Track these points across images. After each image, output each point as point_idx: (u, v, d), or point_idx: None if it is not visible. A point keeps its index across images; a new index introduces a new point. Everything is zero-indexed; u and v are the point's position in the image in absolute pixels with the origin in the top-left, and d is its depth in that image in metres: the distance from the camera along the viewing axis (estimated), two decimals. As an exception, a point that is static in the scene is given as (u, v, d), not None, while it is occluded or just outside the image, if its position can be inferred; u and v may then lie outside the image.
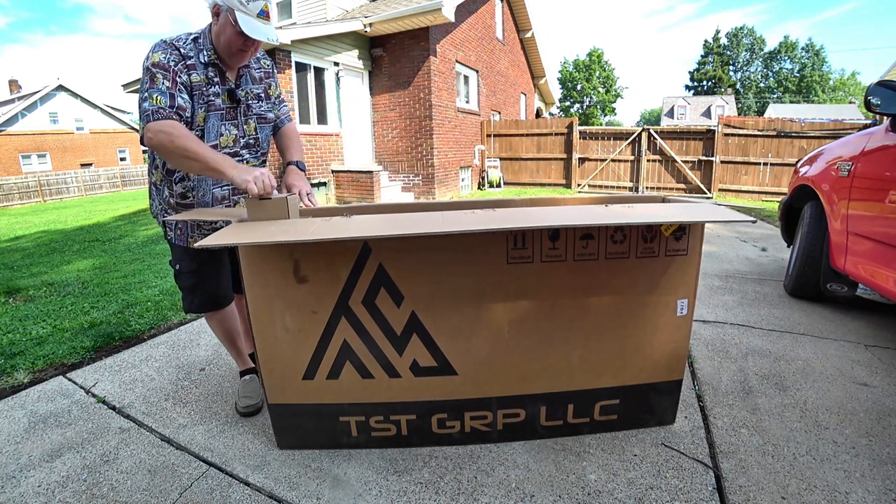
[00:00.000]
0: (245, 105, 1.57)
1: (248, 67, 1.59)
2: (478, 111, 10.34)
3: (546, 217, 1.17)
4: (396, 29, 7.92)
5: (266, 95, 1.66)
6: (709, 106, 41.42)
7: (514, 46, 12.60)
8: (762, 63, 51.75)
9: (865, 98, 2.13)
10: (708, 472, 1.38)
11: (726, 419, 1.63)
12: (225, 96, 1.51)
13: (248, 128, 1.60)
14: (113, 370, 2.12)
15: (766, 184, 8.61)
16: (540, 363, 1.44)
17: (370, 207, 1.71)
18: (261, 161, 1.71)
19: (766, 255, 4.12)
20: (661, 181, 9.40)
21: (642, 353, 1.46)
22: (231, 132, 1.55)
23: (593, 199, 1.71)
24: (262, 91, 1.65)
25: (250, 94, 1.59)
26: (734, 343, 2.25)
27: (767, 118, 8.66)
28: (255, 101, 1.61)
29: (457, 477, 1.38)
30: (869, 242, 2.15)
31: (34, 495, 1.35)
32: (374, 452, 1.49)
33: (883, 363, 2.02)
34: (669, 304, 1.42)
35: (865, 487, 1.30)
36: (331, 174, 7.81)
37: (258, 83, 1.63)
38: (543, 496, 1.30)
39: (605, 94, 49.52)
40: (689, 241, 1.38)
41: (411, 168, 8.57)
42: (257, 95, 1.62)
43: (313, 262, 1.32)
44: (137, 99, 1.42)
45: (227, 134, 1.54)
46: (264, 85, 1.66)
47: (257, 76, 1.63)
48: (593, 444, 1.50)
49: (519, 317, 1.39)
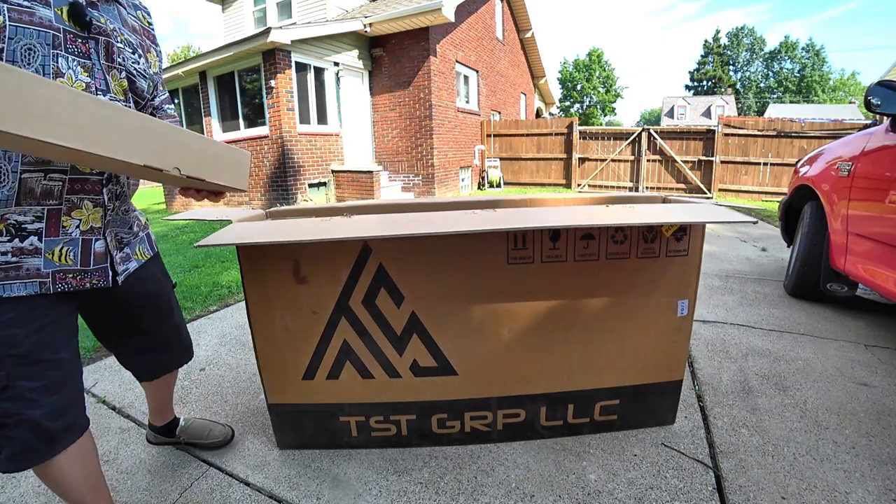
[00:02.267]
0: (105, 42, 0.97)
1: (119, 2, 1.06)
2: (478, 111, 10.34)
3: (546, 217, 1.17)
4: (396, 29, 7.91)
5: (142, 52, 1.09)
6: (709, 106, 41.43)
7: (514, 46, 12.60)
8: (762, 63, 51.75)
9: (865, 98, 2.13)
10: (708, 472, 1.38)
11: (726, 419, 1.63)
12: (63, 11, 0.90)
13: (113, 81, 0.99)
14: (113, 370, 2.12)
15: (766, 184, 8.61)
16: (540, 363, 1.44)
17: (370, 207, 1.71)
18: None
19: (766, 255, 4.12)
20: (661, 181, 9.39)
21: (642, 354, 1.46)
22: (78, 77, 0.92)
23: (594, 199, 1.71)
24: (138, 43, 1.08)
25: (117, 34, 1.01)
26: (734, 343, 2.25)
27: (767, 118, 8.66)
28: (127, 48, 1.03)
29: (457, 477, 1.38)
30: (869, 242, 2.15)
31: (34, 495, 1.35)
32: (374, 452, 1.49)
33: (883, 363, 2.02)
34: (670, 305, 1.42)
35: (865, 487, 1.30)
36: (331, 174, 7.81)
37: (131, 32, 1.07)
38: (543, 496, 1.30)
39: (605, 94, 49.51)
40: (689, 241, 1.38)
41: (411, 168, 8.57)
42: (129, 42, 1.04)
43: (313, 263, 1.32)
44: None
45: (71, 77, 0.91)
46: (139, 39, 1.10)
47: (130, 22, 1.09)
48: (593, 444, 1.50)
49: (519, 317, 1.39)
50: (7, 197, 0.87)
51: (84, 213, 0.98)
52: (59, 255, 0.94)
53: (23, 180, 0.88)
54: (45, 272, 0.92)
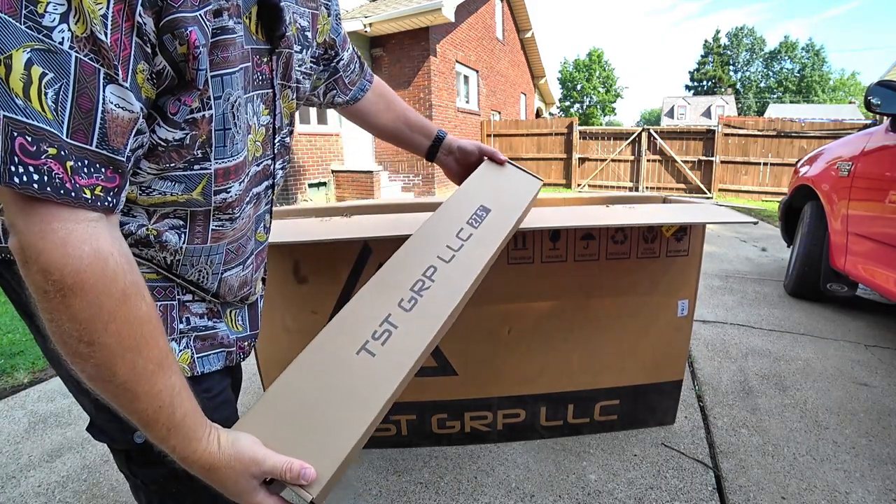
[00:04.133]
0: (287, 56, 0.60)
1: None
2: (478, 111, 10.34)
3: (546, 217, 1.17)
4: (396, 29, 7.91)
5: (311, 30, 0.66)
6: (709, 106, 41.45)
7: (514, 46, 12.59)
8: (762, 63, 51.79)
9: (865, 98, 2.13)
10: (708, 472, 1.38)
11: (726, 419, 1.63)
12: (250, 19, 0.51)
13: (286, 109, 0.65)
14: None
15: (766, 184, 8.61)
16: (540, 363, 1.44)
17: (370, 207, 1.71)
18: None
19: (766, 255, 4.12)
20: (661, 181, 9.40)
21: (642, 354, 1.46)
22: (260, 119, 0.58)
23: (594, 199, 1.70)
24: (309, 22, 0.65)
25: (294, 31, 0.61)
26: (734, 343, 2.25)
27: (767, 118, 8.67)
28: (297, 49, 0.63)
29: (457, 477, 1.38)
30: (869, 242, 2.15)
31: (34, 495, 1.35)
32: (374, 452, 1.49)
33: (883, 363, 2.02)
34: (670, 305, 1.42)
35: (865, 487, 1.30)
36: (331, 174, 7.81)
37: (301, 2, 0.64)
38: (543, 496, 1.30)
39: (605, 94, 49.53)
40: (689, 241, 1.38)
41: (411, 168, 8.57)
42: (301, 31, 0.64)
43: (313, 263, 1.32)
44: None
45: (259, 127, 0.58)
46: (310, 8, 0.65)
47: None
48: (593, 444, 1.50)
49: (519, 317, 1.39)
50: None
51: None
52: (231, 321, 0.68)
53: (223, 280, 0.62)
54: (231, 339, 0.65)
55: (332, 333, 0.63)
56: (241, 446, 0.48)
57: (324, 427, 0.53)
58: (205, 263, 0.57)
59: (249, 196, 0.59)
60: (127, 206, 0.49)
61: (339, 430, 0.53)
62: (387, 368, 0.58)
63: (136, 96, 0.39)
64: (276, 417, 0.53)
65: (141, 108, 0.40)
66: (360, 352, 0.60)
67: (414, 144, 0.94)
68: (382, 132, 0.94)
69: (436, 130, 0.94)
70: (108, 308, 0.38)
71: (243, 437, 0.50)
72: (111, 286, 0.38)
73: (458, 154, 0.95)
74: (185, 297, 0.58)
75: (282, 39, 0.56)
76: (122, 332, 0.39)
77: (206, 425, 0.47)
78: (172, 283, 0.57)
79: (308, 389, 0.56)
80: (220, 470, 0.47)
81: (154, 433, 0.44)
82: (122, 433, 0.56)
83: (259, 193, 0.63)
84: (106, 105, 0.37)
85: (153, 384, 0.42)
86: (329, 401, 0.55)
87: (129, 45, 0.38)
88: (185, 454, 0.45)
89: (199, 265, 0.57)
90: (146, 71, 0.40)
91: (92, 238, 0.37)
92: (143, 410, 0.42)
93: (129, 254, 0.41)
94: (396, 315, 0.63)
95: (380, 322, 0.63)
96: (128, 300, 0.40)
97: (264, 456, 0.48)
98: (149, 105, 0.42)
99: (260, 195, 0.64)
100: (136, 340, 0.40)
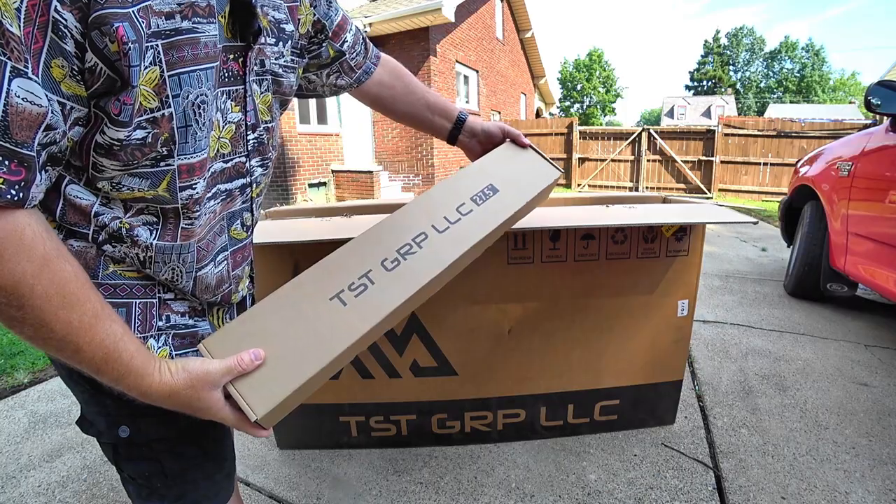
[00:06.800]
0: (258, 50, 0.59)
1: None
2: (478, 111, 10.33)
3: (546, 217, 1.17)
4: (396, 29, 7.91)
5: (290, 21, 0.65)
6: (709, 106, 41.43)
7: (514, 46, 12.59)
8: (762, 63, 51.78)
9: (865, 98, 2.13)
10: (708, 472, 1.38)
11: (726, 419, 1.63)
12: (224, 19, 0.53)
13: (262, 105, 0.63)
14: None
15: (766, 184, 8.61)
16: (540, 363, 1.44)
17: (370, 207, 1.71)
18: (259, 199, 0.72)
19: (766, 255, 4.12)
20: (661, 181, 9.40)
21: (642, 354, 1.46)
22: (228, 116, 0.58)
23: (594, 199, 1.70)
24: (285, 15, 0.64)
25: (265, 24, 0.60)
26: (734, 343, 2.25)
27: (767, 118, 8.67)
28: (272, 42, 0.62)
29: (457, 477, 1.38)
30: (869, 242, 2.15)
31: (34, 495, 1.35)
32: (374, 452, 1.49)
33: (883, 363, 2.02)
34: (670, 305, 1.42)
35: (865, 487, 1.30)
36: (331, 174, 7.81)
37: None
38: (543, 496, 1.30)
39: (605, 94, 49.52)
40: (690, 241, 1.38)
41: (411, 168, 8.57)
42: (278, 25, 0.63)
43: (313, 263, 1.31)
44: None
45: (226, 124, 0.57)
46: (286, 1, 0.64)
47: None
48: (593, 444, 1.50)
49: (519, 317, 1.39)
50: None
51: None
52: (218, 319, 0.69)
53: (197, 278, 0.61)
54: None
55: (312, 276, 0.65)
56: (191, 366, 0.51)
57: (280, 359, 0.56)
58: (177, 262, 0.58)
59: (213, 192, 0.59)
60: (105, 198, 0.52)
61: (292, 366, 0.56)
62: (352, 320, 0.60)
63: (51, 91, 0.40)
64: (238, 341, 0.56)
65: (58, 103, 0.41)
66: (334, 299, 0.62)
67: (435, 127, 0.93)
68: (402, 116, 0.93)
69: (457, 112, 0.92)
70: (30, 272, 0.40)
71: (191, 360, 0.52)
72: (31, 252, 0.40)
73: (481, 136, 0.92)
74: (166, 295, 0.60)
75: (256, 36, 0.57)
76: (49, 293, 0.41)
77: (154, 360, 0.50)
78: (153, 281, 0.58)
79: (274, 321, 0.59)
80: (180, 392, 0.50)
81: (107, 378, 0.47)
82: (108, 427, 0.59)
83: (231, 191, 0.63)
84: (10, 98, 0.37)
85: (94, 335, 0.44)
86: (290, 336, 0.58)
87: (43, 39, 0.38)
88: (141, 390, 0.48)
89: (172, 263, 0.57)
90: (66, 67, 0.40)
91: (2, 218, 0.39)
92: (90, 359, 0.45)
93: (48, 226, 0.43)
94: (376, 272, 0.65)
95: (359, 276, 0.64)
96: (50, 263, 0.41)
97: (214, 365, 0.52)
98: (81, 102, 0.43)
99: (233, 192, 0.63)
100: (65, 298, 0.42)
